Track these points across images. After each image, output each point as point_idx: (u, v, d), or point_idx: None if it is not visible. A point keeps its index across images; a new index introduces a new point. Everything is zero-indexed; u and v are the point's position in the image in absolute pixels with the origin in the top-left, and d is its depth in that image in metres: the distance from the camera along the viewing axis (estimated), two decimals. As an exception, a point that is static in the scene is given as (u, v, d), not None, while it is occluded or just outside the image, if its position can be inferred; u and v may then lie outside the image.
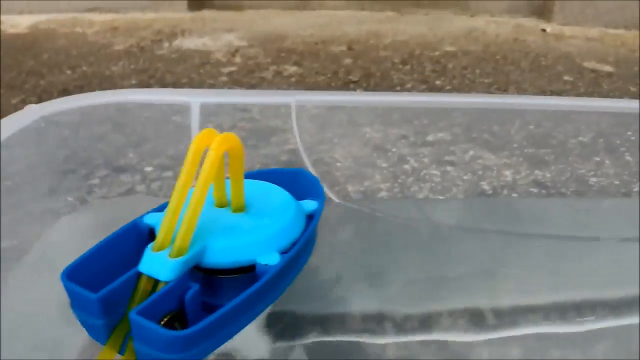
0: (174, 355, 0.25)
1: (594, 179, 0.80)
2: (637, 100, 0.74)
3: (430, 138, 0.86)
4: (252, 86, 1.16)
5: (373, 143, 0.84)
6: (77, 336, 0.35)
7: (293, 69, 1.29)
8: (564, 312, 0.40)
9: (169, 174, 0.72)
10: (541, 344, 0.38)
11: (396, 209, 0.53)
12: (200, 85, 1.19)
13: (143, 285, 0.28)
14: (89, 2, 2.02)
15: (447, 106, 0.96)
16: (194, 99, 0.46)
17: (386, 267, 0.43)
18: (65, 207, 0.52)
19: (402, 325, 0.39)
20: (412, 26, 1.80)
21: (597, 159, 0.86)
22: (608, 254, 0.47)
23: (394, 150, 0.82)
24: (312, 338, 0.37)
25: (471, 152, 0.83)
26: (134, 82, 1.25)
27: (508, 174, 0.78)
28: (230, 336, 0.28)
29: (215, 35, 1.65)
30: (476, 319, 0.39)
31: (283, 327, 0.37)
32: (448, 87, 1.17)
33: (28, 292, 0.38)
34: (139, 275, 0.28)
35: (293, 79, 1.21)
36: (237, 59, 1.38)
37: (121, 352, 0.27)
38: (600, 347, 0.37)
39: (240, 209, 0.32)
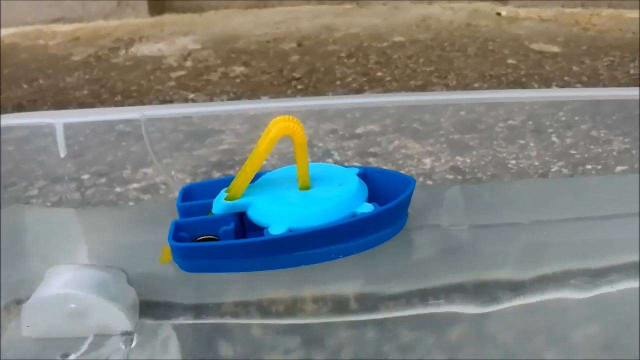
0: (176, 259, 0.36)
1: (513, 162, 0.83)
2: (566, 89, 0.77)
3: (359, 131, 0.89)
4: (197, 89, 1.19)
5: (302, 139, 0.85)
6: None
7: (240, 69, 1.31)
8: (423, 298, 0.42)
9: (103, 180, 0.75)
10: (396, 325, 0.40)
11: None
12: (148, 91, 1.21)
13: (211, 212, 0.38)
14: (54, 12, 2.04)
15: (352, 107, 0.99)
16: (57, 120, 0.50)
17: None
18: None
19: (267, 309, 0.42)
20: (367, 18, 1.82)
21: (522, 141, 0.88)
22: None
23: (320, 145, 0.85)
24: (182, 320, 0.40)
25: (396, 142, 0.86)
26: (85, 92, 1.27)
27: (428, 161, 0.80)
28: (221, 269, 0.36)
29: (172, 39, 1.67)
30: (340, 304, 0.42)
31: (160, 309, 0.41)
32: (388, 78, 1.20)
33: None
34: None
35: (238, 80, 1.23)
36: (188, 63, 1.40)
37: None
38: (455, 330, 0.39)
39: (304, 187, 0.39)
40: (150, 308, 0.41)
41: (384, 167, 0.81)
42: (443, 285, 0.42)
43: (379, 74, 1.23)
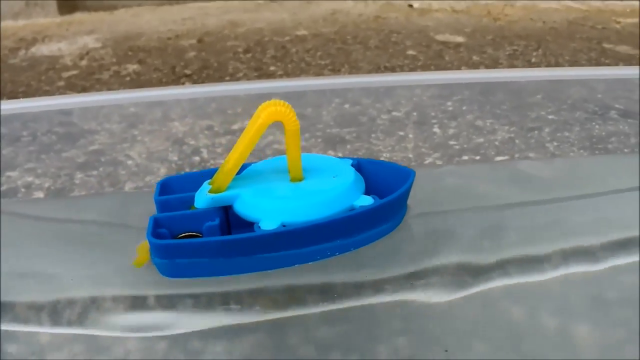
0: (155, 259, 0.33)
1: (386, 155, 0.81)
2: (452, 71, 0.75)
3: (235, 127, 0.86)
4: (84, 89, 1.15)
5: (175, 137, 0.83)
6: None
7: (133, 67, 1.28)
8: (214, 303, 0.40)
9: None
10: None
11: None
12: (35, 92, 1.18)
13: (193, 207, 0.34)
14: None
15: (239, 93, 0.96)
16: None
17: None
18: None
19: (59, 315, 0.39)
20: (276, 13, 1.80)
21: (402, 133, 0.87)
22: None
23: (192, 142, 0.82)
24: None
25: (270, 137, 0.83)
26: (-28, 94, 1.23)
27: (297, 156, 0.79)
28: (207, 272, 0.33)
29: (74, 38, 1.63)
30: (137, 307, 0.39)
31: None
32: (280, 73, 1.18)
33: None
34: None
35: (128, 78, 1.20)
36: (83, 62, 1.37)
37: None
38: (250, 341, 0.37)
39: (296, 179, 0.36)
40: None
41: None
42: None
43: (272, 68, 1.21)
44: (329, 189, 0.34)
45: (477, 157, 0.86)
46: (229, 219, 0.35)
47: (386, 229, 0.36)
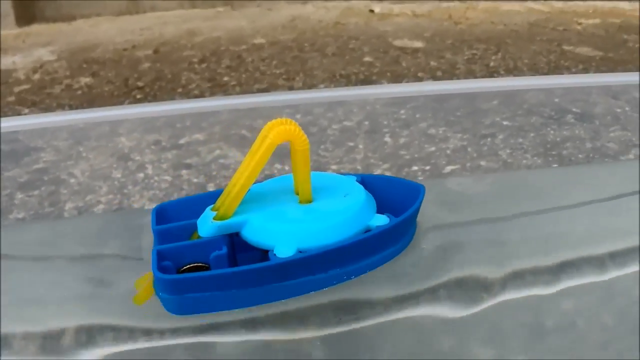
0: (162, 294, 0.30)
1: (334, 167, 0.80)
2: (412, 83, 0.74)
3: (182, 141, 0.85)
4: (34, 104, 1.14)
5: (121, 153, 0.82)
6: None
7: (86, 80, 1.26)
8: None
9: None
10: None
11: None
12: (-16, 108, 1.15)
13: (194, 235, 0.33)
14: None
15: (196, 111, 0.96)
16: None
17: None
18: None
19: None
20: (236, 20, 1.79)
21: (352, 144, 0.86)
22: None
23: (137, 158, 0.80)
24: None
25: (217, 152, 0.82)
26: None
27: (243, 170, 0.77)
28: (220, 306, 0.30)
29: (30, 51, 1.61)
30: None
31: None
32: (233, 83, 1.17)
33: None
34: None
35: (79, 92, 1.18)
36: (36, 76, 1.35)
37: None
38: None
39: (306, 200, 0.34)
40: None
41: (200, 179, 0.78)
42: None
43: (226, 78, 1.20)
44: (343, 209, 0.32)
45: (427, 167, 0.85)
46: (233, 243, 0.33)
47: (401, 246, 0.34)
